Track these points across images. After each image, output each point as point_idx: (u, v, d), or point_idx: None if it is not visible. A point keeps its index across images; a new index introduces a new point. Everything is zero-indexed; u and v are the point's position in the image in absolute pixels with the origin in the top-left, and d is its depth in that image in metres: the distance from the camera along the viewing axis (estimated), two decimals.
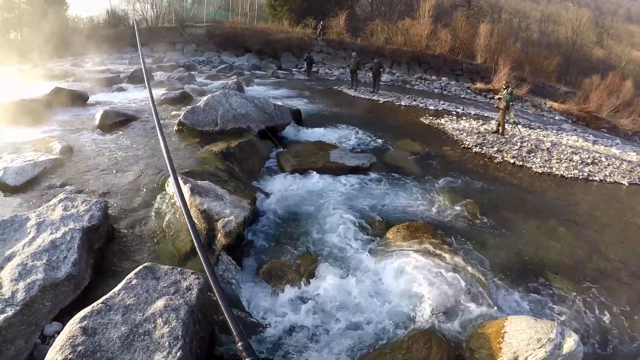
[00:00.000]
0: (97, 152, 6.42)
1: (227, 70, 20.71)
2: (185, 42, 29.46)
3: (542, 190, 8.13)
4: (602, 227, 6.82)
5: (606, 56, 40.66)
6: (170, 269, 3.02)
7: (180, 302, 2.65)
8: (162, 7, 33.26)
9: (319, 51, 28.82)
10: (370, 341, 3.54)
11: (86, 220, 3.72)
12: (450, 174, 8.05)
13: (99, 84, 12.98)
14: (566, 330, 3.37)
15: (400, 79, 24.81)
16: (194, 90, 12.02)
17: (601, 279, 5.21)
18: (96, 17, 34.62)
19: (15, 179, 5.13)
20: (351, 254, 4.82)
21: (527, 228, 6.22)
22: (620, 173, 10.03)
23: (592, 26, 43.60)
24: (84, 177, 5.51)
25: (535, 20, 45.14)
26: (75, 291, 3.15)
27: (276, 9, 33.34)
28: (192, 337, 2.52)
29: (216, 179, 5.60)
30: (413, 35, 28.52)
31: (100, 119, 7.90)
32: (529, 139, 11.90)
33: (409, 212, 6.15)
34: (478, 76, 26.97)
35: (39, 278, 2.95)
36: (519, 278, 4.87)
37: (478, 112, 16.27)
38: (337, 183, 6.78)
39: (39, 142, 6.58)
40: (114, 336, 2.33)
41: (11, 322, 2.66)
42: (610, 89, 25.45)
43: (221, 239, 4.21)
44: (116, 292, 2.69)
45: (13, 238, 3.38)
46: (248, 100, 8.43)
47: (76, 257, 3.23)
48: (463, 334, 3.75)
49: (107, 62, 21.75)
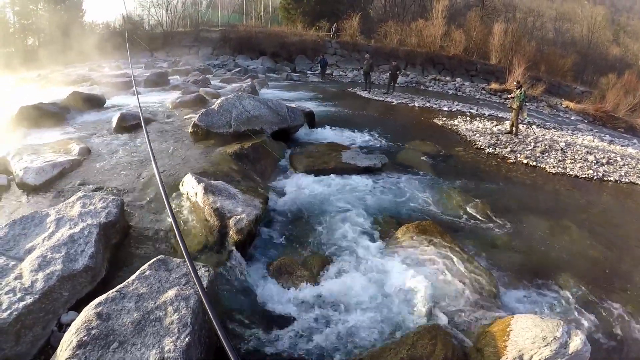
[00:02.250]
0: (114, 154, 6.61)
1: (241, 74, 20.95)
2: (201, 46, 29.84)
3: (555, 191, 8.06)
4: (616, 228, 6.73)
5: (623, 54, 39.88)
6: (182, 262, 3.14)
7: (191, 292, 2.75)
8: (177, 12, 33.79)
9: (332, 53, 28.96)
10: (376, 337, 3.58)
11: (103, 216, 3.87)
12: (462, 175, 8.04)
13: (116, 88, 13.28)
14: (573, 329, 3.35)
15: (415, 81, 24.78)
16: (209, 93, 12.20)
17: (614, 280, 5.14)
18: (112, 22, 35.38)
19: (36, 179, 5.34)
20: (360, 252, 4.87)
21: (539, 228, 6.17)
22: (636, 173, 9.87)
23: (607, 24, 42.81)
24: (101, 176, 5.69)
25: (550, 18, 44.46)
26: (92, 282, 3.29)
27: (290, 12, 33.62)
28: (200, 325, 2.62)
29: (229, 179, 5.71)
30: (427, 36, 28.47)
31: (117, 121, 8.13)
32: (543, 139, 11.80)
33: (419, 212, 6.18)
34: (493, 76, 26.80)
35: (57, 269, 3.09)
36: (529, 278, 4.84)
37: (492, 113, 16.17)
38: (348, 183, 6.83)
39: (57, 144, 6.79)
40: (127, 321, 2.45)
41: (30, 309, 2.79)
42: (627, 87, 24.95)
43: (233, 235, 4.31)
44: (130, 281, 2.81)
45: (33, 232, 3.54)
46: (261, 103, 8.56)
47: (93, 250, 3.37)
48: (469, 331, 3.75)
49: (123, 67, 22.17)
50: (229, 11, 38.78)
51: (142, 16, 35.55)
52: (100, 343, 2.30)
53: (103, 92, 11.53)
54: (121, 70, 19.80)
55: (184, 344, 2.35)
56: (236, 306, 3.60)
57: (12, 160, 5.89)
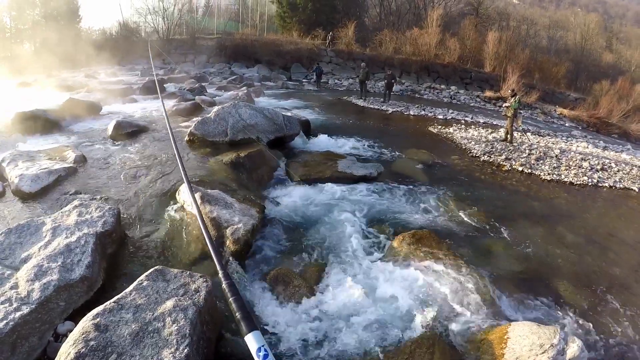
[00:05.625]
0: (110, 161, 6.59)
1: (237, 82, 21.01)
2: (197, 54, 29.92)
3: (550, 198, 8.11)
4: (611, 234, 6.78)
5: (616, 61, 40.44)
6: (179, 272, 3.12)
7: (189, 303, 2.74)
8: (173, 19, 33.87)
9: (328, 62, 29.12)
10: (373, 346, 3.57)
11: (100, 225, 3.85)
12: (457, 183, 8.08)
13: (112, 95, 13.28)
14: (570, 336, 3.37)
15: (410, 89, 24.94)
16: (205, 101, 12.23)
17: (609, 286, 5.16)
18: (108, 29, 35.43)
19: (31, 186, 5.30)
20: (357, 261, 4.87)
21: (535, 235, 6.20)
22: (630, 179, 9.97)
23: (600, 31, 43.40)
24: (97, 185, 5.67)
25: (544, 26, 44.98)
26: (89, 292, 3.27)
27: (286, 20, 33.80)
28: (199, 336, 2.61)
29: (226, 188, 5.72)
30: (422, 44, 28.69)
31: (113, 129, 8.12)
32: (538, 147, 11.89)
33: (416, 221, 6.18)
34: (487, 84, 27.03)
35: (54, 279, 3.07)
36: (525, 285, 4.86)
37: (487, 121, 16.29)
38: (344, 192, 6.83)
39: (53, 151, 6.76)
40: (125, 333, 2.44)
41: (26, 319, 2.77)
42: (620, 94, 25.32)
43: (230, 245, 4.31)
44: (128, 292, 2.80)
45: (29, 241, 3.52)
46: (257, 111, 8.57)
47: (90, 260, 3.35)
48: (466, 339, 3.75)
49: (120, 74, 22.18)
50: (225, 19, 38.93)
51: (139, 23, 35.66)
52: (99, 355, 2.28)
53: (99, 99, 11.51)
54: (117, 77, 19.80)
55: (183, 355, 2.34)
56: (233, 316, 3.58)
57: (7, 166, 5.84)
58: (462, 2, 38.29)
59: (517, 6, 56.17)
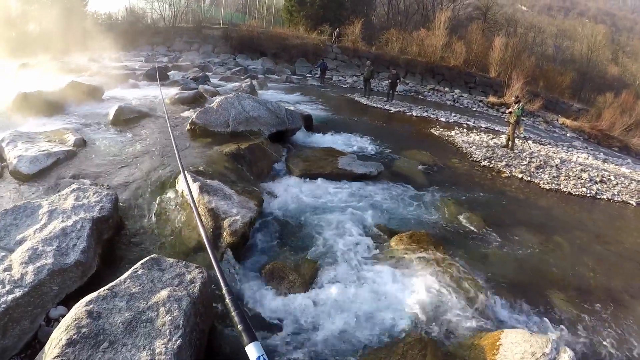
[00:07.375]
0: (110, 146, 6.56)
1: (241, 73, 20.92)
2: (202, 43, 29.79)
3: (548, 207, 8.12)
4: (606, 245, 6.79)
5: (621, 74, 40.46)
6: (175, 262, 3.10)
7: (183, 294, 2.72)
8: (180, 7, 33.72)
9: (333, 58, 29.02)
10: (366, 346, 3.56)
11: (97, 210, 3.82)
12: (456, 186, 8.08)
13: (115, 80, 13.21)
14: (562, 345, 3.37)
15: (413, 89, 24.89)
16: (208, 91, 12.17)
17: (603, 297, 5.18)
18: (115, 13, 35.25)
19: (29, 168, 5.27)
20: (353, 259, 4.86)
21: (531, 243, 6.21)
22: (629, 192, 9.99)
23: (607, 43, 43.42)
24: (96, 169, 5.64)
25: (551, 35, 44.99)
26: (82, 278, 3.25)
27: (293, 15, 33.67)
28: (192, 327, 2.59)
29: (225, 179, 5.68)
30: (428, 46, 28.62)
31: (115, 114, 8.07)
32: (539, 155, 11.89)
33: (413, 222, 6.18)
34: (491, 89, 27.00)
35: (48, 263, 3.04)
36: (519, 292, 4.86)
37: (489, 126, 16.28)
38: (343, 189, 6.82)
39: (53, 134, 6.72)
40: (118, 321, 2.42)
41: (19, 302, 2.74)
42: (623, 107, 25.40)
43: (227, 237, 4.28)
44: (122, 280, 2.77)
45: (25, 223, 3.49)
46: (260, 104, 8.53)
47: (85, 245, 3.33)
48: (459, 344, 3.75)
49: (124, 59, 22.07)
50: (232, 9, 38.76)
51: (145, 9, 35.48)
52: (90, 342, 2.26)
53: (102, 84, 11.45)
54: (121, 63, 19.71)
55: (176, 347, 2.32)
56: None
57: (6, 147, 5.80)
58: (470, 6, 38.22)
59: (526, 13, 56.08)
